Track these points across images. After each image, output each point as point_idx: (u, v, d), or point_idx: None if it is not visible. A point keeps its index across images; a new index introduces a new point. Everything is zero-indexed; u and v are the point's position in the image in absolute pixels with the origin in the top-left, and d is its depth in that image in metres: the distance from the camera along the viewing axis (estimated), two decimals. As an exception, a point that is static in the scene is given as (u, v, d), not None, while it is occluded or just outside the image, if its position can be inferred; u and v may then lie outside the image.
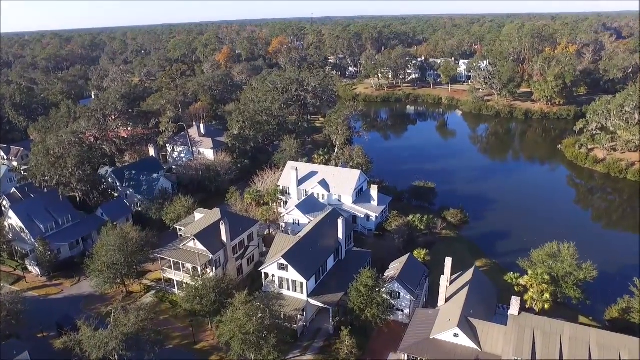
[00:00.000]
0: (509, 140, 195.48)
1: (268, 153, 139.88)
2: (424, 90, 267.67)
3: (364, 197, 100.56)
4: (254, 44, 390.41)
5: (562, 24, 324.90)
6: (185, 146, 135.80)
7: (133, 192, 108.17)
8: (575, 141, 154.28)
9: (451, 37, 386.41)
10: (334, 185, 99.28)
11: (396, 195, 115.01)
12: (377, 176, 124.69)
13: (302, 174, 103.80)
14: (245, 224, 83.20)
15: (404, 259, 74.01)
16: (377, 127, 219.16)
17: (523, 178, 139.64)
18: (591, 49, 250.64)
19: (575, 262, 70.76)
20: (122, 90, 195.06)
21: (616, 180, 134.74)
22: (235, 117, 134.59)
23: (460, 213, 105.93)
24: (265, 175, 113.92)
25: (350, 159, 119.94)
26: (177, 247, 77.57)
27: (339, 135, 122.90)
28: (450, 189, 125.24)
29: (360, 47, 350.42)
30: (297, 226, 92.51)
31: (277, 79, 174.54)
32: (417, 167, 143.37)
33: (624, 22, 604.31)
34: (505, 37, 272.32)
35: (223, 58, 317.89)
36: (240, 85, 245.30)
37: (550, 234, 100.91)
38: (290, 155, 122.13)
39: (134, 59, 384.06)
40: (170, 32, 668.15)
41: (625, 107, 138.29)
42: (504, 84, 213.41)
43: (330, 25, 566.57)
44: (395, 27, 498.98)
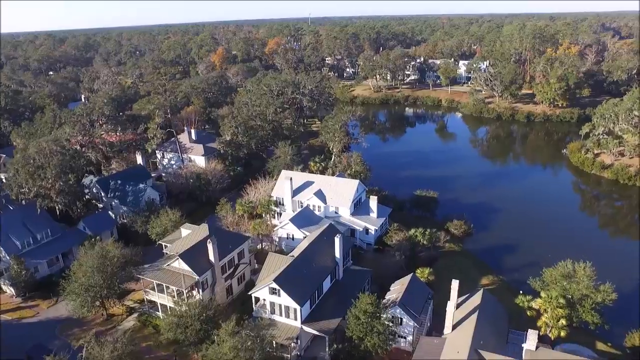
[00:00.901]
0: (511, 144, 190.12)
1: (262, 159, 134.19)
2: (423, 92, 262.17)
3: (362, 208, 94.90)
4: (250, 45, 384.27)
5: (564, 24, 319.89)
6: (176, 153, 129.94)
7: (118, 203, 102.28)
8: (581, 146, 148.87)
9: (450, 38, 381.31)
10: (331, 197, 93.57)
11: (396, 205, 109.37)
12: (376, 184, 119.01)
13: (297, 184, 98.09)
14: (235, 240, 77.46)
15: (406, 280, 68.35)
16: (376, 129, 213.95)
17: (527, 184, 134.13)
18: (594, 50, 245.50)
19: (592, 283, 65.23)
20: (112, 92, 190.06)
21: (625, 187, 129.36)
22: (227, 122, 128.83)
23: (464, 224, 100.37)
24: (259, 184, 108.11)
25: (348, 166, 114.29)
26: (160, 267, 71.76)
27: (336, 142, 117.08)
28: (452, 197, 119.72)
29: (358, 48, 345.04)
30: (291, 241, 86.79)
31: (272, 81, 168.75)
32: (418, 174, 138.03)
33: (622, 22, 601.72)
34: (506, 37, 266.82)
35: (218, 59, 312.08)
36: (235, 87, 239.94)
37: (558, 244, 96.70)
38: (285, 163, 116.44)
39: (127, 60, 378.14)
40: (166, 32, 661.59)
41: (634, 110, 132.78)
42: (506, 85, 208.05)
43: (327, 26, 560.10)
44: (393, 28, 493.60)
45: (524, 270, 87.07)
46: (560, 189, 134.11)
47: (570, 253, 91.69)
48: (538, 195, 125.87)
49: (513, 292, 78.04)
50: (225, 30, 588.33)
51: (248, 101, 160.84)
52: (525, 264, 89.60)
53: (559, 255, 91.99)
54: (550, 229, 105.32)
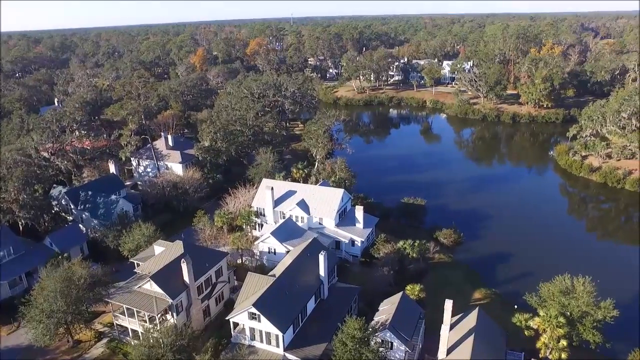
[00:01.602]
0: (498, 145, 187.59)
1: (243, 165, 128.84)
2: (407, 93, 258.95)
3: (347, 218, 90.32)
4: (231, 46, 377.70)
5: (547, 24, 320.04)
6: (152, 160, 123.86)
7: (89, 216, 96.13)
8: (569, 148, 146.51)
9: (433, 38, 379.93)
10: (315, 207, 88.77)
11: (383, 213, 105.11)
12: (361, 190, 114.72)
13: (279, 194, 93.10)
14: (212, 257, 72.21)
15: (396, 299, 63.88)
16: (360, 131, 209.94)
17: (515, 188, 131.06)
18: (576, 50, 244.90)
19: (593, 299, 61.55)
20: (87, 96, 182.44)
21: (614, 190, 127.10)
22: (206, 128, 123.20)
23: (454, 233, 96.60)
24: (239, 193, 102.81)
25: (332, 173, 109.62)
26: (131, 289, 66.18)
27: (319, 148, 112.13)
28: (440, 203, 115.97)
29: (341, 48, 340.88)
30: (273, 255, 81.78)
31: (253, 84, 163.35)
32: (404, 179, 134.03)
33: (600, 23, 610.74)
34: (489, 37, 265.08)
35: (198, 60, 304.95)
36: (215, 89, 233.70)
37: (549, 251, 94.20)
38: (267, 170, 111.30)
39: (105, 61, 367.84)
40: (146, 33, 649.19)
41: (621, 112, 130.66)
42: (491, 86, 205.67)
43: (310, 26, 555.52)
44: (376, 28, 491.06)
45: (518, 281, 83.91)
46: (548, 192, 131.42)
47: (561, 260, 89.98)
48: (527, 199, 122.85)
49: (508, 306, 74.47)
50: (206, 31, 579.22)
51: (228, 104, 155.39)
52: (518, 274, 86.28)
53: (550, 262, 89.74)
54: (540, 234, 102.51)
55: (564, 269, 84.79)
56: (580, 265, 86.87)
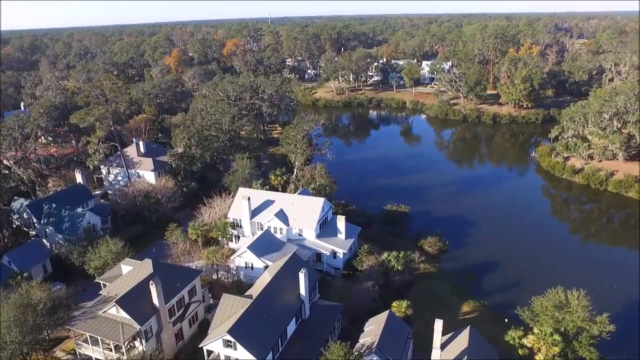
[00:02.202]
0: (479, 147, 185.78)
1: (219, 172, 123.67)
2: (387, 94, 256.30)
3: (329, 228, 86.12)
4: (208, 46, 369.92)
5: (525, 24, 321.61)
6: (123, 168, 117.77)
7: (53, 231, 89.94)
8: (551, 149, 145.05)
9: (411, 38, 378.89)
10: (294, 217, 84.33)
11: (365, 221, 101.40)
12: (342, 197, 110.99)
13: (256, 203, 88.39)
14: (184, 276, 67.17)
15: (382, 319, 59.91)
16: (339, 133, 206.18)
17: (498, 191, 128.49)
18: (554, 50, 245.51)
19: (588, 313, 58.60)
20: (56, 99, 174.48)
21: (596, 192, 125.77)
22: (179, 134, 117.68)
23: (439, 241, 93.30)
24: (215, 202, 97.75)
25: (312, 179, 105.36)
26: (95, 315, 60.78)
27: (298, 154, 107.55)
28: (423, 209, 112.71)
29: (319, 49, 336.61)
30: (250, 270, 77.11)
31: (229, 86, 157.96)
32: (385, 183, 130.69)
33: (573, 23, 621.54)
34: (468, 37, 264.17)
35: (173, 62, 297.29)
36: (190, 92, 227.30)
37: (536, 257, 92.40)
38: (243, 177, 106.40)
39: (76, 63, 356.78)
40: (120, 33, 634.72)
41: (603, 113, 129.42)
42: (471, 87, 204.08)
43: (288, 26, 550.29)
44: (354, 28, 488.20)
45: (506, 291, 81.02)
46: (532, 195, 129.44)
47: (548, 266, 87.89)
48: (510, 203, 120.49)
49: (498, 320, 71.50)
50: (182, 31, 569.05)
51: (203, 108, 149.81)
52: (506, 283, 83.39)
53: (537, 268, 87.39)
54: (525, 239, 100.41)
55: (551, 275, 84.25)
56: (567, 270, 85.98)
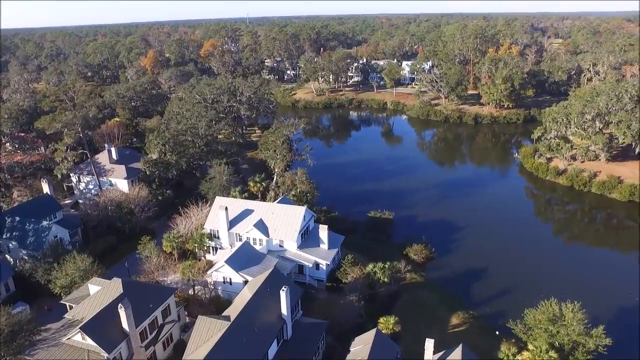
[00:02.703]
0: (462, 148, 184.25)
1: (196, 178, 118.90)
2: (367, 95, 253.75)
3: (311, 239, 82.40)
4: (185, 47, 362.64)
5: (504, 24, 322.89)
6: (94, 176, 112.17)
7: (17, 246, 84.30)
8: (534, 150, 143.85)
9: (391, 38, 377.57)
10: (274, 228, 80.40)
11: (349, 228, 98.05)
12: (324, 202, 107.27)
13: (235, 213, 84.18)
14: (157, 295, 62.71)
15: (369, 338, 56.37)
16: (320, 135, 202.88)
17: (482, 195, 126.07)
18: (533, 50, 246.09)
19: (583, 326, 56.12)
20: (24, 103, 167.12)
21: (580, 193, 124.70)
22: (153, 139, 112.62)
23: (425, 248, 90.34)
24: (191, 211, 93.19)
25: (293, 186, 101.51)
26: (58, 342, 56.00)
27: (277, 160, 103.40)
28: (407, 214, 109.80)
29: (299, 49, 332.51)
30: (228, 285, 72.98)
31: (205, 88, 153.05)
32: (368, 188, 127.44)
33: (548, 23, 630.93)
34: (448, 37, 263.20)
35: (149, 63, 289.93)
36: (166, 94, 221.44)
37: (523, 261, 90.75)
38: (221, 184, 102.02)
39: (48, 64, 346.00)
40: (95, 33, 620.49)
41: (585, 114, 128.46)
42: (452, 87, 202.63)
43: (266, 26, 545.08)
44: (333, 28, 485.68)
45: (495, 300, 78.45)
46: (515, 197, 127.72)
47: (535, 271, 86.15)
48: (494, 206, 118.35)
49: (489, 332, 68.72)
50: (159, 32, 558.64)
51: (179, 111, 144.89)
52: (494, 291, 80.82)
53: (524, 274, 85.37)
54: (511, 243, 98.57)
55: (539, 281, 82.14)
56: (555, 274, 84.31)
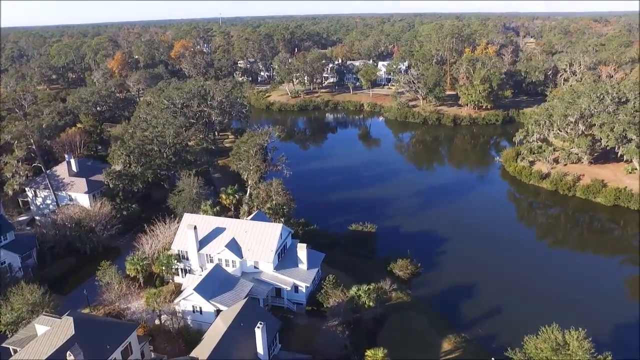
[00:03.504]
0: (442, 151, 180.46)
1: (164, 189, 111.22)
2: (343, 96, 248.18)
3: (288, 258, 76.03)
4: (155, 48, 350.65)
5: (479, 24, 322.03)
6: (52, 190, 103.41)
7: (-41, 273, 75.61)
8: (516, 153, 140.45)
9: (366, 38, 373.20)
10: (248, 248, 73.75)
11: (329, 242, 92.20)
12: (302, 214, 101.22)
13: (205, 232, 77.22)
14: (116, 333, 55.46)
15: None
16: (296, 138, 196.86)
17: (466, 201, 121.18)
18: (509, 50, 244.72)
19: (589, 355, 51.36)
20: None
21: (565, 197, 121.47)
22: (116, 150, 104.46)
23: (410, 264, 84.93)
24: (158, 229, 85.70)
25: (268, 198, 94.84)
26: (-3, 395, 48.43)
27: (251, 171, 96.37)
28: (390, 225, 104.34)
29: (272, 50, 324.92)
30: (199, 314, 66.09)
31: (174, 93, 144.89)
32: (347, 196, 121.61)
33: (519, 22, 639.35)
34: (425, 38, 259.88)
35: (116, 65, 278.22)
36: (135, 98, 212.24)
37: (513, 274, 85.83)
38: (190, 198, 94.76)
39: (9, 66, 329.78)
40: (62, 34, 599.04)
41: (568, 116, 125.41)
42: (430, 88, 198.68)
43: (239, 26, 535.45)
44: (308, 28, 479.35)
45: (487, 319, 73.48)
46: (500, 203, 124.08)
47: (527, 284, 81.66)
48: (479, 213, 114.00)
49: (483, 356, 63.54)
50: (129, 32, 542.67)
51: (146, 117, 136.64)
52: (486, 309, 76.06)
53: (516, 288, 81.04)
54: (499, 252, 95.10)
55: (530, 295, 78.48)
56: (547, 287, 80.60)
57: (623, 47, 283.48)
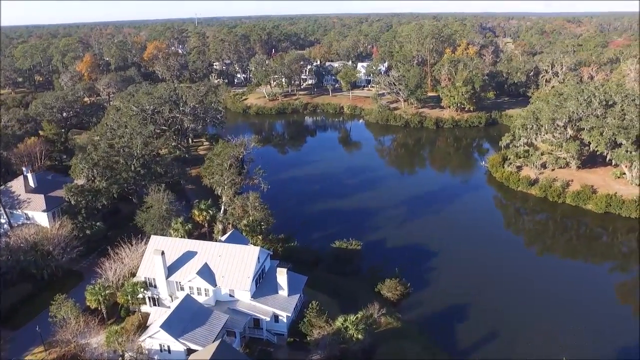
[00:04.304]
0: (426, 156, 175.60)
1: (132, 204, 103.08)
2: (322, 99, 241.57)
3: (267, 284, 69.08)
4: (128, 50, 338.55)
5: (459, 24, 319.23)
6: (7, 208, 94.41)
7: None
8: (502, 158, 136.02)
9: (344, 38, 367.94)
10: (223, 274, 66.61)
11: (311, 260, 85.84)
12: (281, 230, 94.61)
13: (175, 256, 69.79)
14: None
15: None
16: (274, 142, 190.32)
17: (452, 210, 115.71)
18: (490, 51, 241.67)
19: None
20: None
21: (554, 204, 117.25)
22: (78, 163, 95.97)
23: (399, 284, 78.86)
24: (124, 251, 77.87)
25: (245, 213, 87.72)
26: None
27: (225, 186, 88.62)
28: (376, 239, 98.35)
29: (249, 51, 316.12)
30: (167, 354, 58.79)
31: (144, 98, 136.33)
32: (329, 207, 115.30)
33: (495, 23, 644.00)
34: (405, 38, 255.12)
35: (85, 67, 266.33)
36: (104, 103, 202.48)
37: (508, 291, 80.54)
38: (160, 215, 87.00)
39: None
40: (30, 34, 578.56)
41: (556, 120, 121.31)
42: (411, 90, 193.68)
43: (215, 27, 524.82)
44: (285, 28, 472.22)
45: (483, 345, 68.04)
46: (488, 211, 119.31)
47: (523, 301, 76.86)
48: (467, 223, 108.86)
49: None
50: (101, 33, 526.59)
51: (113, 124, 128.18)
52: (481, 331, 71.08)
53: (512, 306, 76.02)
54: (492, 266, 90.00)
55: (525, 313, 74.59)
56: (543, 304, 76.52)
57: (600, 47, 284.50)
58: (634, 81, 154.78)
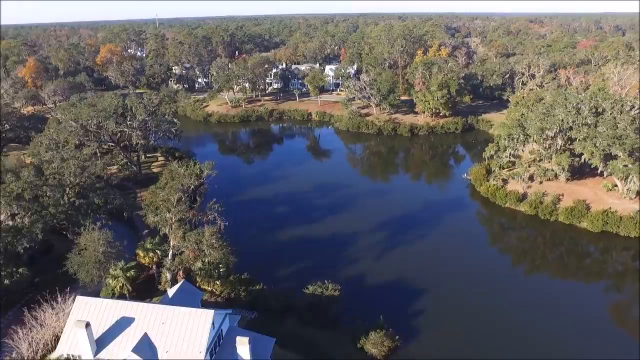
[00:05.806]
0: (401, 167, 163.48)
1: (67, 240, 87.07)
2: (289, 104, 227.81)
3: (226, 352, 55.02)
4: (80, 53, 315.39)
5: (431, 24, 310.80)
6: None
7: None
8: (486, 170, 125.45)
9: (311, 39, 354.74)
10: (167, 348, 52.10)
11: (280, 308, 72.08)
12: (243, 267, 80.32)
13: (107, 323, 54.83)
14: None
15: None
16: (238, 152, 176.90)
17: (437, 234, 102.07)
18: (463, 52, 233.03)
19: None
20: None
21: (545, 223, 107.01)
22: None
23: (385, 337, 65.85)
24: (45, 314, 62.35)
25: (201, 253, 73.06)
26: None
27: (173, 225, 72.83)
28: (353, 275, 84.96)
29: (211, 53, 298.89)
30: None
31: (84, 111, 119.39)
32: (299, 236, 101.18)
33: (460, 23, 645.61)
34: (374, 40, 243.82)
35: (29, 73, 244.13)
36: (48, 113, 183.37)
37: (510, 337, 68.05)
38: (96, 259, 71.58)
39: None
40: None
41: (546, 130, 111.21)
42: (384, 95, 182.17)
43: (175, 28, 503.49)
44: (249, 29, 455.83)
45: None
46: (476, 233, 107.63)
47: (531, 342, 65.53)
48: (455, 249, 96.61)
49: None
50: (55, 34, 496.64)
51: (50, 142, 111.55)
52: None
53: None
54: (489, 306, 76.97)
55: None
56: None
57: (570, 48, 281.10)
58: (616, 85, 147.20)
